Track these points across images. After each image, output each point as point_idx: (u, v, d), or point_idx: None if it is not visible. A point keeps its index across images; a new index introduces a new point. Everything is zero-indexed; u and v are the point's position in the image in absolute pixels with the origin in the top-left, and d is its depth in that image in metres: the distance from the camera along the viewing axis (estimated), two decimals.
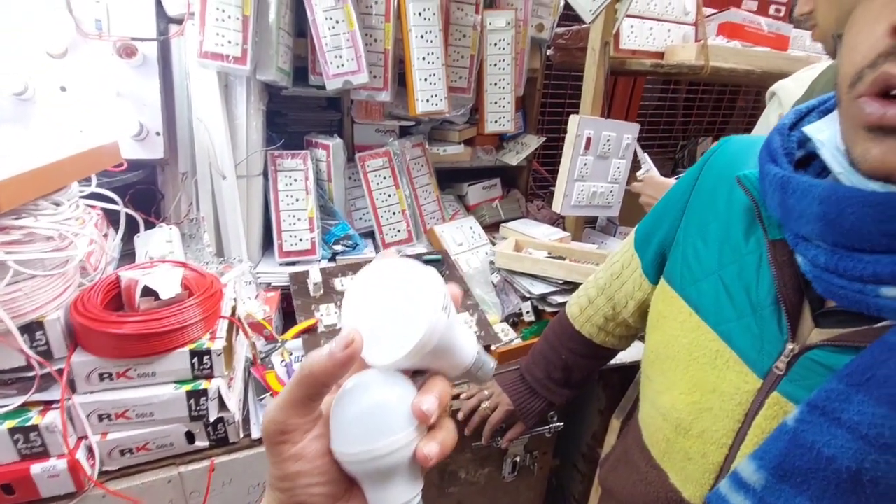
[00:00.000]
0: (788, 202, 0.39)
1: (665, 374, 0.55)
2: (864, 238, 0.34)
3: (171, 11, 0.94)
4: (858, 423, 0.34)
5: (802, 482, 0.37)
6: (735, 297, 0.47)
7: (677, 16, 1.35)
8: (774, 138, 0.43)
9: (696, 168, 0.57)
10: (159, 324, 0.68)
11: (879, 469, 0.33)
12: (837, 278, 0.36)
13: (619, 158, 1.28)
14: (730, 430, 0.45)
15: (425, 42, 1.08)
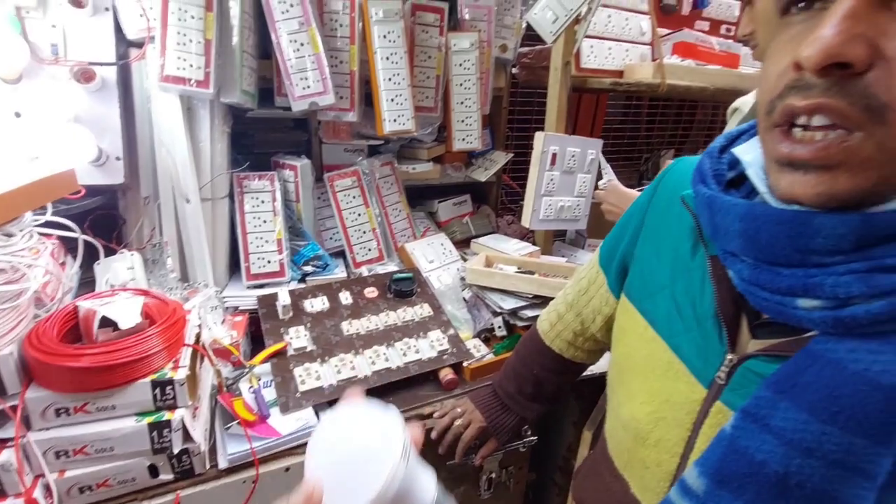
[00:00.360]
0: (715, 220, 0.41)
1: (626, 385, 0.57)
2: (779, 253, 0.36)
3: (131, 35, 0.93)
4: (784, 429, 0.36)
5: (739, 487, 0.38)
6: (683, 311, 0.49)
7: (634, 36, 1.40)
8: (704, 161, 0.45)
9: (651, 187, 0.60)
10: (118, 355, 0.66)
11: (804, 473, 0.35)
12: (761, 291, 0.38)
13: (585, 173, 1.32)
14: (681, 439, 0.47)
15: (391, 63, 1.09)
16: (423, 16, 1.16)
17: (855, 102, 0.30)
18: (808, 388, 0.35)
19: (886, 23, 0.29)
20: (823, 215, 0.34)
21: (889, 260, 0.32)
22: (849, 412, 0.33)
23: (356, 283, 1.12)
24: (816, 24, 0.31)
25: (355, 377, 0.89)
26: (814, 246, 0.34)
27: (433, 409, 0.90)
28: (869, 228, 0.33)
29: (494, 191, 1.52)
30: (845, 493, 0.34)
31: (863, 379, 0.33)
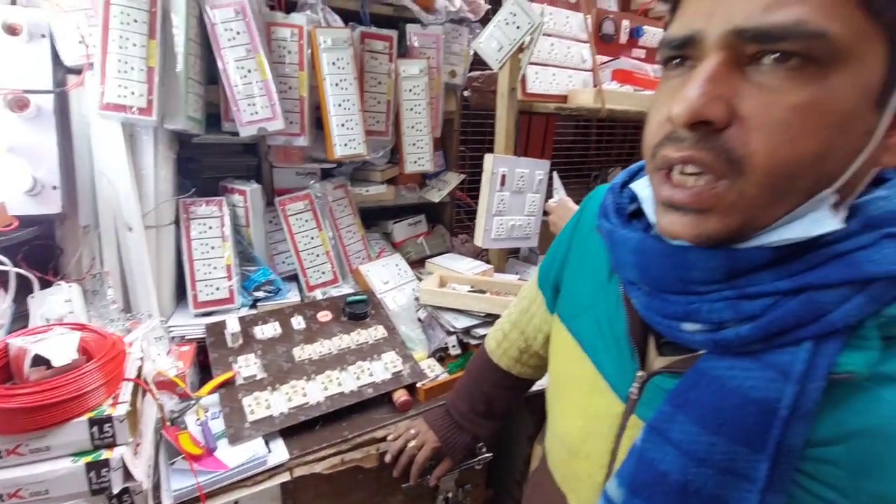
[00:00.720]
0: (615, 252, 0.45)
1: (560, 401, 0.60)
2: (665, 283, 0.40)
3: (69, 62, 0.91)
4: (681, 441, 0.39)
5: (649, 496, 0.41)
6: (603, 331, 0.52)
7: (576, 63, 1.48)
8: (607, 196, 0.50)
9: (577, 213, 0.64)
10: (53, 394, 0.64)
11: (699, 481, 0.38)
12: (655, 315, 0.42)
13: (534, 193, 1.37)
14: (606, 451, 0.50)
15: (340, 90, 1.11)
16: (371, 43, 1.19)
17: (718, 155, 0.34)
18: (697, 403, 0.39)
19: (741, 85, 0.33)
20: (697, 250, 0.38)
21: (751, 289, 0.36)
22: (730, 424, 0.37)
23: (309, 306, 1.11)
24: (686, 81, 0.35)
25: (307, 404, 0.89)
26: (692, 277, 0.39)
27: (387, 431, 0.90)
28: (735, 262, 0.37)
29: (449, 210, 1.56)
30: (735, 496, 0.37)
31: (738, 393, 0.37)
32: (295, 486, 0.82)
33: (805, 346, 0.35)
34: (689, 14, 0.36)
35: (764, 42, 0.32)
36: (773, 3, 0.31)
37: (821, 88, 0.31)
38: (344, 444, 0.87)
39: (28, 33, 0.87)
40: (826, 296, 0.34)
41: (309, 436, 0.87)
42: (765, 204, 0.35)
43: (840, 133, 0.33)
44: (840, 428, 0.35)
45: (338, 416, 0.91)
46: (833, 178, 0.34)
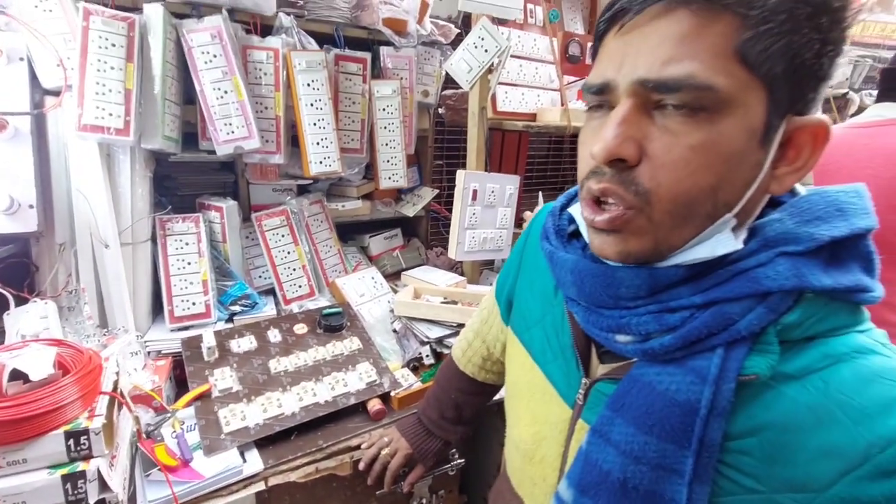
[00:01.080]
0: (555, 271, 0.50)
1: (515, 409, 0.64)
2: (599, 299, 0.45)
3: (48, 84, 0.93)
4: (619, 442, 0.44)
5: (595, 494, 0.45)
6: (551, 342, 0.57)
7: (544, 83, 1.55)
8: (547, 220, 0.55)
9: (524, 232, 0.69)
10: (29, 407, 0.65)
11: (637, 477, 0.43)
12: (593, 328, 0.47)
13: (505, 207, 1.43)
14: (557, 455, 0.54)
15: (315, 109, 1.15)
16: (346, 65, 1.24)
17: (629, 189, 0.40)
18: (632, 406, 0.44)
19: (649, 128, 0.39)
20: (624, 269, 0.43)
21: (672, 303, 0.42)
22: (660, 424, 0.42)
23: (286, 319, 1.14)
24: (605, 123, 0.41)
25: (282, 415, 0.91)
26: (620, 293, 0.44)
27: (361, 440, 0.93)
28: (655, 280, 0.42)
29: (424, 224, 1.60)
30: (668, 490, 0.42)
31: (665, 396, 0.42)
32: (270, 495, 0.84)
33: (718, 352, 0.40)
34: (603, 65, 0.42)
35: (662, 92, 0.38)
36: (668, 59, 0.37)
37: (712, 131, 0.37)
38: (319, 453, 0.89)
39: (7, 56, 0.90)
40: (733, 308, 0.40)
41: (284, 445, 0.89)
42: (671, 227, 0.40)
43: (732, 167, 0.38)
44: (752, 422, 0.40)
45: (313, 426, 0.93)
46: (731, 204, 0.40)
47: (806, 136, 0.40)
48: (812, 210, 0.41)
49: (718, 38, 0.36)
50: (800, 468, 0.38)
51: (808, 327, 0.40)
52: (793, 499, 0.38)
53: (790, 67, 0.37)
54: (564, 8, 1.82)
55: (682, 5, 0.37)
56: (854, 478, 0.36)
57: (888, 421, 0.35)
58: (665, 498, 0.42)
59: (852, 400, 0.37)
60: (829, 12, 0.36)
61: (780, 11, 0.35)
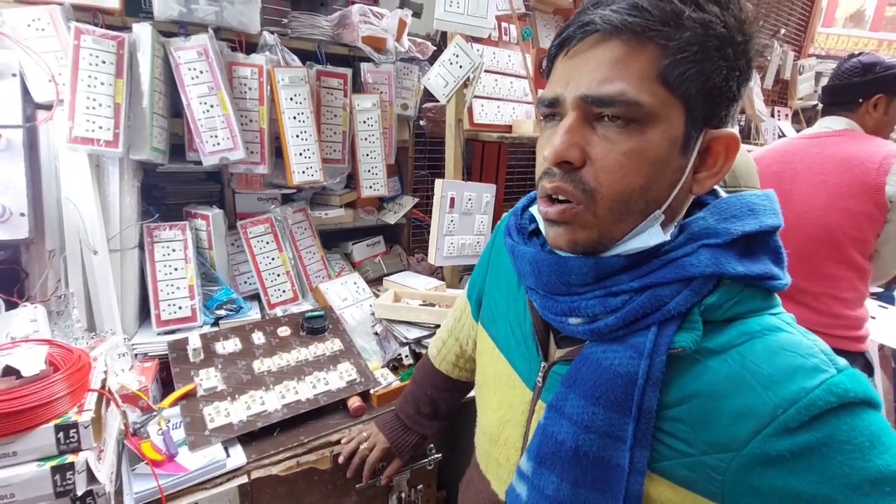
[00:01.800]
0: (517, 264, 0.56)
1: (483, 398, 0.69)
2: (554, 286, 0.52)
3: (39, 98, 0.98)
4: (572, 414, 0.49)
5: (551, 464, 0.51)
6: (515, 332, 0.63)
7: (519, 96, 1.63)
8: (510, 218, 0.61)
9: (494, 233, 0.75)
10: (21, 401, 0.69)
11: (587, 445, 0.48)
12: (549, 313, 0.53)
13: (482, 214, 1.49)
14: (519, 436, 0.59)
15: (298, 122, 1.21)
16: (327, 80, 1.30)
17: (577, 187, 0.47)
18: (582, 381, 0.49)
19: (590, 136, 0.46)
20: (573, 259, 0.50)
21: (614, 288, 0.48)
22: (606, 395, 0.47)
23: (269, 323, 1.18)
24: (555, 132, 0.47)
25: (265, 412, 0.95)
26: (571, 280, 0.50)
27: (341, 435, 0.97)
28: (601, 268, 0.49)
29: (406, 231, 1.66)
30: (613, 455, 0.47)
31: (610, 370, 0.48)
32: (252, 489, 0.88)
33: (652, 329, 0.46)
34: (554, 82, 0.49)
35: (600, 106, 0.45)
36: (604, 79, 0.44)
37: (642, 139, 0.45)
38: (300, 448, 0.93)
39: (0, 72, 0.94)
40: (664, 291, 0.46)
41: (267, 441, 0.93)
42: (612, 222, 0.47)
43: (658, 170, 0.46)
44: (682, 392, 0.46)
45: (295, 423, 0.97)
46: (659, 202, 0.47)
47: (720, 146, 0.47)
48: (729, 209, 0.49)
49: (644, 64, 0.44)
50: (722, 430, 0.43)
51: (727, 309, 0.46)
52: (718, 459, 0.44)
53: (703, 89, 0.44)
54: (539, 25, 1.91)
55: (615, 36, 0.44)
56: (765, 436, 0.41)
57: (791, 386, 0.41)
58: (611, 463, 0.47)
59: (762, 369, 0.43)
60: (733, 45, 0.44)
61: (693, 43, 0.43)
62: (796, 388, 0.41)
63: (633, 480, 0.47)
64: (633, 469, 0.47)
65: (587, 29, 0.45)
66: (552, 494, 0.51)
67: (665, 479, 0.47)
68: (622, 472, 0.47)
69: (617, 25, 0.43)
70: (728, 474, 0.43)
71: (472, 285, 0.81)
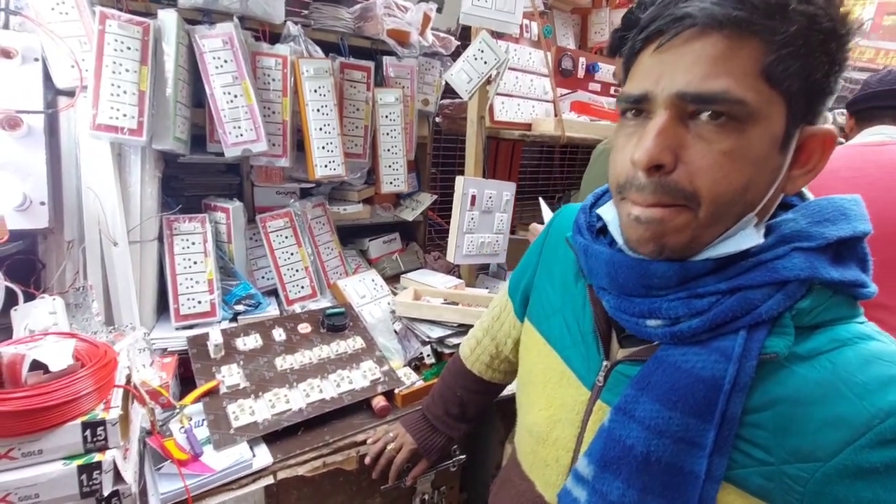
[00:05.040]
0: (589, 263, 0.54)
1: (529, 396, 0.67)
2: (631, 288, 0.50)
3: (61, 84, 0.95)
4: (644, 418, 0.47)
5: (617, 469, 0.49)
6: (571, 329, 0.61)
7: (539, 94, 1.61)
8: (580, 216, 0.59)
9: (545, 228, 0.73)
10: (48, 398, 0.66)
11: (659, 450, 0.46)
12: (623, 314, 0.51)
13: (502, 212, 1.47)
14: (572, 436, 0.57)
15: (321, 115, 1.19)
16: (350, 73, 1.28)
17: (675, 196, 0.44)
18: (657, 385, 0.47)
19: (683, 136, 0.44)
20: (657, 263, 0.47)
21: (700, 290, 0.46)
22: (684, 400, 0.46)
23: (289, 319, 1.16)
24: (643, 131, 0.45)
25: (289, 410, 0.93)
26: (652, 283, 0.48)
27: (367, 435, 0.95)
28: (686, 272, 0.47)
29: (422, 229, 1.64)
30: (688, 461, 0.46)
31: (691, 374, 0.46)
32: (278, 489, 0.85)
33: (741, 333, 0.44)
34: (641, 77, 0.46)
35: (699, 103, 0.43)
36: (706, 75, 0.42)
37: (741, 139, 0.42)
38: (325, 448, 0.91)
39: (22, 56, 0.91)
40: (755, 294, 0.44)
41: (291, 441, 0.91)
42: (709, 226, 0.45)
43: (757, 170, 0.44)
44: (766, 397, 0.44)
45: (319, 422, 0.95)
46: (754, 204, 0.45)
47: (816, 143, 0.46)
48: (822, 213, 0.47)
49: (747, 60, 0.41)
50: (808, 438, 0.42)
51: (816, 315, 0.45)
52: (800, 468, 0.42)
53: (805, 84, 0.42)
54: (557, 24, 1.90)
55: (716, 30, 0.42)
56: (857, 447, 0.40)
57: (887, 396, 0.40)
58: (685, 470, 0.46)
59: (855, 377, 0.41)
60: (836, 38, 0.42)
61: (798, 37, 0.41)
62: (893, 398, 0.39)
63: (707, 488, 0.45)
64: (709, 477, 0.45)
65: (684, 22, 0.42)
66: (617, 500, 0.49)
67: (737, 487, 0.45)
68: (696, 480, 0.45)
69: (719, 19, 0.41)
70: (811, 485, 0.41)
71: (515, 282, 0.79)
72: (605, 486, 0.50)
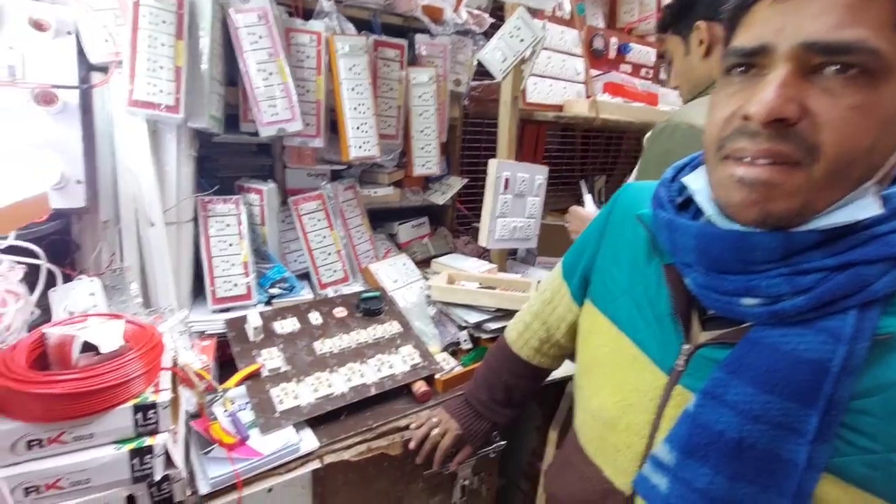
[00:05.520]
0: (674, 238, 0.51)
1: (593, 380, 0.64)
2: (725, 264, 0.46)
3: (95, 59, 0.92)
4: (736, 402, 0.45)
5: (703, 455, 0.46)
6: (643, 311, 0.58)
7: (570, 76, 1.57)
8: (661, 190, 0.56)
9: (606, 208, 0.70)
10: (99, 380, 0.65)
11: (753, 436, 0.44)
12: (712, 293, 0.48)
13: (534, 196, 1.44)
14: (647, 422, 0.54)
15: (356, 94, 1.15)
16: (384, 51, 1.24)
17: (798, 145, 0.40)
18: (752, 367, 0.45)
19: (808, 89, 0.40)
20: (759, 234, 0.44)
21: (805, 265, 0.43)
22: (784, 383, 0.43)
23: (324, 303, 1.14)
24: (755, 87, 0.42)
25: (332, 394, 0.91)
26: (753, 258, 0.44)
27: (409, 420, 0.94)
28: (791, 244, 0.43)
29: (450, 213, 1.61)
30: (786, 449, 0.43)
31: (792, 356, 0.43)
32: (325, 474, 0.84)
33: (852, 312, 0.41)
34: (758, 28, 0.43)
35: (828, 54, 0.39)
36: (838, 24, 0.38)
37: (871, 94, 0.39)
38: (369, 433, 0.90)
39: (55, 30, 0.88)
40: (868, 270, 0.41)
41: (335, 425, 0.89)
42: (824, 188, 0.41)
43: (885, 131, 0.40)
44: (877, 381, 0.41)
45: (361, 407, 0.93)
46: (875, 169, 0.42)
47: None
48: None
49: (881, 10, 0.38)
50: None
51: None
52: None
53: None
54: (587, 2, 1.84)
55: None
56: None
57: None
58: (782, 458, 0.43)
59: None
60: None
61: None
62: None
63: (806, 477, 0.43)
64: (810, 465, 0.43)
65: None
66: (703, 488, 0.47)
67: (836, 476, 0.43)
68: (795, 468, 0.43)
69: None
70: None
71: (570, 265, 0.76)
72: (689, 473, 0.48)
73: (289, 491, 0.82)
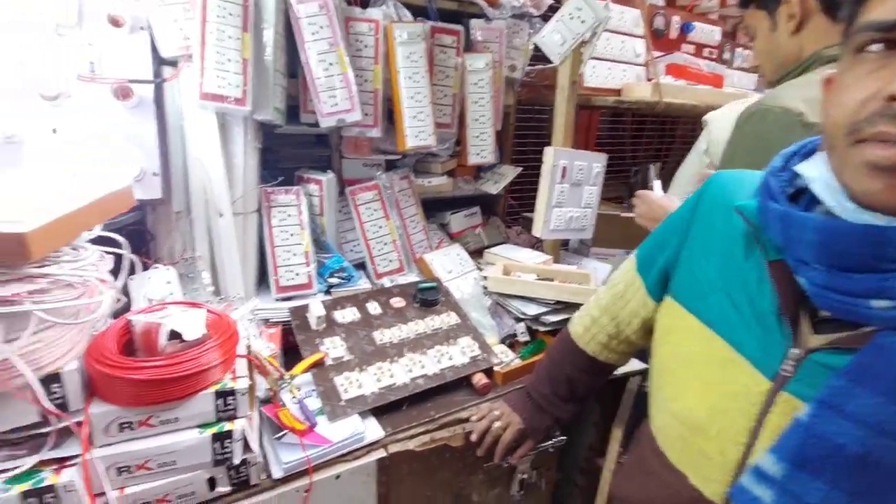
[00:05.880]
0: (789, 232, 0.46)
1: (676, 382, 0.61)
2: (852, 260, 0.42)
3: (166, 54, 0.94)
4: (860, 414, 0.41)
5: (818, 469, 0.43)
6: (741, 308, 0.53)
7: (630, 58, 1.50)
8: (771, 180, 0.51)
9: (692, 199, 0.65)
10: (185, 366, 0.67)
11: (881, 452, 0.40)
12: (833, 293, 0.44)
13: (591, 185, 1.39)
14: (744, 429, 0.51)
15: (413, 83, 1.14)
16: (441, 38, 1.22)
17: None
18: (881, 376, 0.41)
19: None
20: (895, 229, 0.39)
21: None
22: None
23: (381, 293, 1.14)
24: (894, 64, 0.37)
25: (394, 384, 0.92)
26: (886, 255, 0.40)
27: (470, 412, 0.93)
28: None
29: (501, 203, 1.58)
30: None
31: None
32: (390, 463, 0.85)
33: None
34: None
35: None
36: None
37: None
38: (431, 424, 0.90)
39: (130, 26, 0.91)
40: None
41: (398, 415, 0.90)
42: None
43: None
44: None
45: (422, 398, 0.94)
46: None
47: None
48: None
49: None
50: None
51: None
52: None
53: None
54: None
55: None
56: None
57: None
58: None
59: None
60: None
61: None
62: None
63: None
64: None
65: None
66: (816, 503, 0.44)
67: None
68: None
69: None
70: None
71: (646, 258, 0.72)
72: (800, 487, 0.44)
73: (356, 478, 0.83)
